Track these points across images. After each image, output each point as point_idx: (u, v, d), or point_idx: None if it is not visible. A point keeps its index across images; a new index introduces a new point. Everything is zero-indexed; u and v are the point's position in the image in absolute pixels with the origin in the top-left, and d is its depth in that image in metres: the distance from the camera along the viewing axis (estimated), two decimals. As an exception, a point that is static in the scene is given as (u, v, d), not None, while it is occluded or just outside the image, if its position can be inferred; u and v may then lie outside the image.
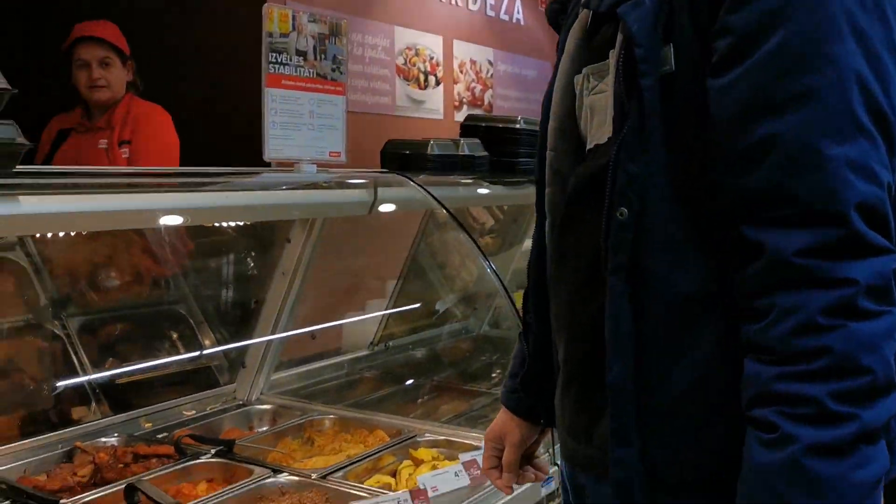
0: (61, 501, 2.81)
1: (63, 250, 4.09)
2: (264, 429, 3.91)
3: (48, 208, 2.71)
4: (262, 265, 4.20)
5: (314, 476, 3.14)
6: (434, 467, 3.28)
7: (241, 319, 4.26)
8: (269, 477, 3.14)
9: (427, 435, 3.64)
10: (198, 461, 3.31)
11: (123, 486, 2.87)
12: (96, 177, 3.38)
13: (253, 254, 4.28)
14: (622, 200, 1.34)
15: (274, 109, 3.35)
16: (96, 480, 3.21)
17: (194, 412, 4.01)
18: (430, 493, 2.92)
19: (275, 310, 4.12)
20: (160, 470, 3.22)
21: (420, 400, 4.52)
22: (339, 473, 3.18)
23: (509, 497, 3.08)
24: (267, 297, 4.12)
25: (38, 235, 3.98)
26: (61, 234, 4.12)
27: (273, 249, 4.11)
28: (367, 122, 7.48)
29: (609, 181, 1.37)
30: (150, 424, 3.81)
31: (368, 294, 5.15)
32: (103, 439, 3.55)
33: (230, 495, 3.00)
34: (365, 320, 5.13)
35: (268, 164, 3.55)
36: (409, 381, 4.75)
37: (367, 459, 3.37)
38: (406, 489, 3.08)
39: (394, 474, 3.34)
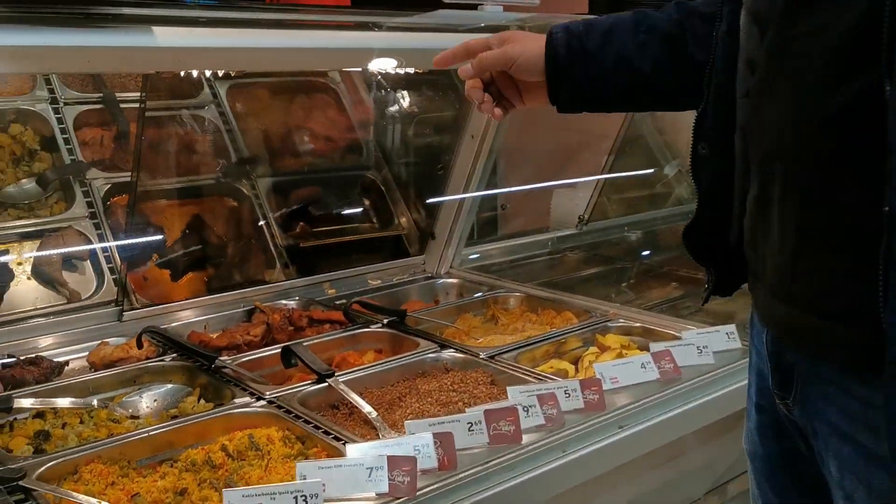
0: (220, 358, 2.73)
1: (257, 110, 4.01)
2: (447, 302, 3.66)
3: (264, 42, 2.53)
4: (450, 127, 3.85)
5: (482, 355, 2.82)
6: (620, 356, 2.83)
7: (432, 187, 3.98)
8: (434, 351, 2.88)
9: (620, 321, 3.17)
10: (367, 330, 3.12)
11: (273, 355, 2.74)
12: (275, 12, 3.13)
13: (443, 113, 3.93)
14: None
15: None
16: (267, 341, 3.13)
17: (379, 281, 3.84)
18: (608, 385, 2.49)
19: (463, 177, 3.78)
20: (328, 335, 3.07)
21: (624, 284, 4.03)
22: (511, 354, 2.84)
23: (708, 397, 2.59)
24: (455, 162, 3.78)
25: (232, 93, 3.93)
26: (258, 91, 4.05)
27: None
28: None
29: None
30: (333, 291, 3.70)
31: (577, 165, 4.65)
32: (283, 301, 3.48)
33: (389, 366, 2.77)
34: (573, 195, 4.66)
35: (444, 5, 3.12)
36: (615, 264, 4.26)
37: (547, 342, 2.99)
38: (582, 378, 2.68)
39: (576, 362, 2.95)
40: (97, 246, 3.23)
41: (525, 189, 4.64)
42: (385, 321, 3.18)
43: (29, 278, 3.12)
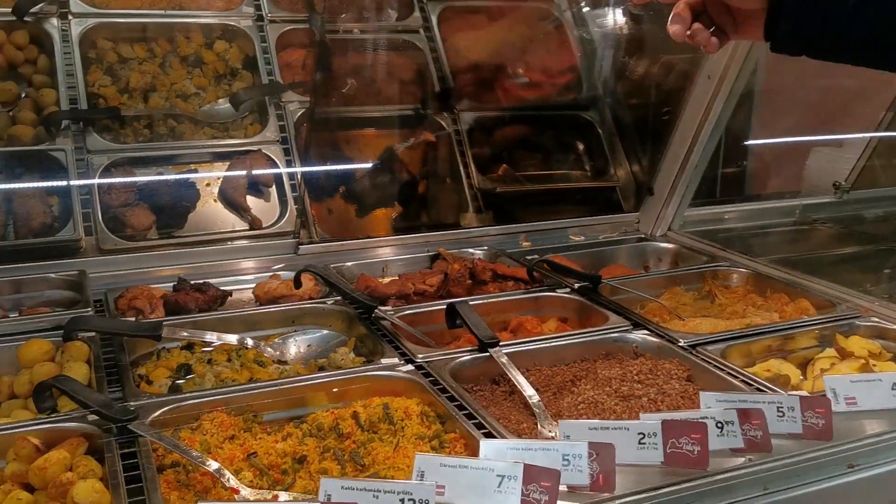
0: (381, 308, 2.47)
1: (470, 37, 3.66)
2: (656, 270, 3.14)
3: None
4: (682, 66, 3.26)
5: (682, 342, 2.32)
6: (864, 368, 2.20)
7: (656, 134, 3.43)
8: (624, 330, 2.42)
9: (873, 320, 2.50)
10: (552, 294, 2.72)
11: (439, 311, 2.41)
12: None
13: (675, 54, 3.33)
14: None
15: None
16: (442, 293, 2.83)
17: (582, 238, 3.40)
18: (840, 406, 1.91)
19: (693, 124, 3.20)
20: (507, 295, 2.71)
21: (886, 271, 3.25)
22: (719, 347, 2.31)
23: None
24: (685, 106, 3.20)
25: (445, 16, 3.61)
26: (473, 16, 3.70)
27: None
28: None
29: None
30: (528, 244, 3.31)
31: (845, 119, 3.84)
32: (471, 250, 3.16)
33: (567, 341, 2.35)
34: (835, 155, 3.87)
35: None
36: (879, 245, 3.47)
37: (770, 335, 2.42)
38: (806, 392, 2.11)
39: (804, 366, 2.35)
40: (283, 171, 3.09)
41: (773, 143, 3.92)
42: (576, 286, 2.76)
43: (215, 201, 3.05)
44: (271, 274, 2.80)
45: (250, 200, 3.07)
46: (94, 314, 2.32)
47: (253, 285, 2.75)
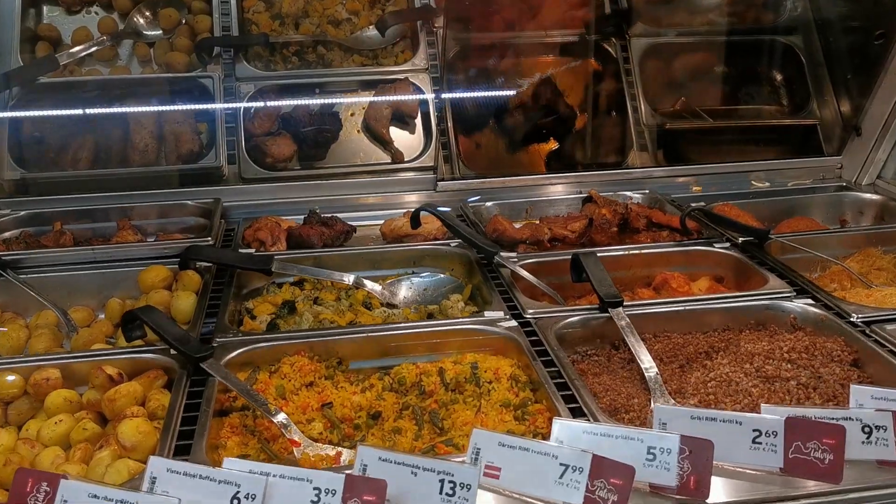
0: (502, 254, 2.24)
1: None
2: (854, 226, 2.63)
3: None
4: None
5: (856, 317, 1.90)
6: None
7: (866, 64, 2.86)
8: (784, 296, 2.02)
9: None
10: (707, 248, 2.35)
11: (569, 261, 2.14)
12: None
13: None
14: None
15: None
16: (584, 241, 2.55)
17: (768, 184, 2.94)
18: None
19: (916, 50, 2.62)
20: (653, 247, 2.38)
21: None
22: (901, 326, 1.86)
23: None
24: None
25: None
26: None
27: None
28: None
29: None
30: (699, 188, 2.92)
31: None
32: (629, 194, 2.82)
33: (706, 305, 2.01)
34: None
35: None
36: None
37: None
38: None
39: None
40: (430, 101, 2.91)
41: None
42: (739, 240, 2.36)
43: (358, 132, 2.95)
44: (405, 211, 2.66)
45: (395, 132, 2.93)
46: (210, 245, 2.31)
47: (380, 222, 2.63)
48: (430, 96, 2.92)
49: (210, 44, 2.88)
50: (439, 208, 2.57)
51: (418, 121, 2.95)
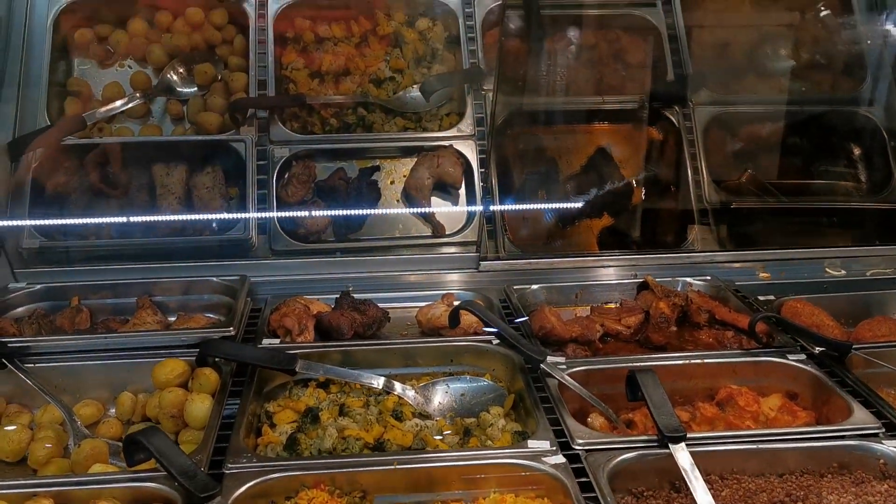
0: (551, 357, 2.03)
1: (721, 10, 3.02)
2: None
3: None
4: None
5: (958, 470, 1.65)
6: None
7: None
8: (872, 435, 1.77)
9: None
10: (781, 360, 2.09)
11: (623, 369, 1.91)
12: None
13: None
14: None
15: None
16: (639, 338, 2.33)
17: (843, 273, 2.67)
18: None
19: None
20: (718, 357, 2.13)
21: None
22: None
23: None
24: None
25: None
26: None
27: None
28: None
29: None
30: (767, 275, 2.67)
31: None
32: (690, 280, 2.58)
33: (779, 445, 1.76)
34: None
35: None
36: None
37: None
38: None
39: None
40: (476, 170, 2.71)
41: None
42: (815, 350, 2.12)
43: (398, 201, 2.76)
44: (444, 294, 2.45)
45: (436, 203, 2.74)
46: (231, 337, 2.13)
47: (425, 302, 2.43)
48: (475, 165, 2.72)
49: (244, 105, 2.72)
50: (479, 297, 2.37)
51: (462, 191, 2.75)
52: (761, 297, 2.45)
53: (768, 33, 2.97)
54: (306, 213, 2.63)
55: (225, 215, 2.60)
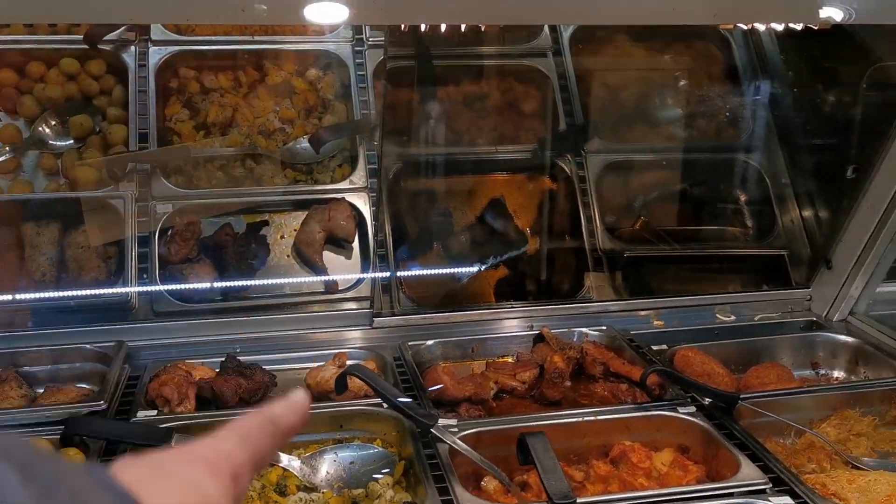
0: (442, 419, 1.97)
1: (609, 61, 3.06)
2: (821, 387, 2.38)
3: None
4: (880, 109, 2.48)
5: (843, 525, 1.65)
6: None
7: (837, 190, 2.67)
8: (759, 493, 1.77)
9: None
10: (672, 413, 2.09)
11: (516, 430, 1.86)
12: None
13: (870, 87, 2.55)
14: None
15: None
16: (534, 393, 2.29)
17: (733, 318, 2.71)
18: None
19: (892, 185, 2.43)
20: (610, 413, 2.11)
21: None
22: (897, 538, 1.62)
23: None
24: (881, 159, 2.44)
25: (580, 38, 3.01)
26: (615, 37, 3.08)
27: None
28: None
29: None
30: (660, 323, 2.68)
31: None
32: (586, 330, 2.57)
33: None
34: None
35: None
36: None
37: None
38: None
39: None
40: (369, 224, 2.65)
41: None
42: (706, 401, 2.12)
43: (288, 257, 2.67)
44: (336, 353, 2.37)
45: (329, 258, 2.66)
46: (101, 412, 1.99)
47: (317, 363, 2.34)
48: (369, 218, 2.66)
49: (123, 160, 2.59)
50: (372, 356, 2.31)
51: (356, 245, 2.68)
52: (655, 347, 2.46)
53: (656, 83, 3.03)
54: (191, 272, 2.51)
55: (102, 277, 2.47)
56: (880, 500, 1.78)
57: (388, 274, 2.59)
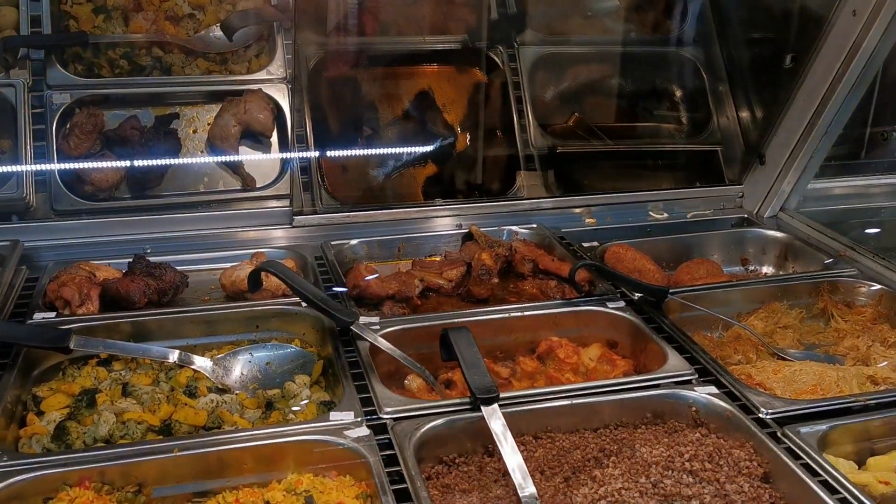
0: (364, 317, 1.88)
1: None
2: (749, 281, 2.35)
3: None
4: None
5: (765, 413, 1.63)
6: None
7: (774, 85, 2.60)
8: (683, 382, 1.73)
9: None
10: (600, 308, 2.03)
11: (440, 327, 1.78)
12: None
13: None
14: None
15: None
16: (461, 291, 2.22)
17: (666, 215, 2.66)
18: None
19: (827, 77, 2.37)
20: (537, 308, 2.04)
21: None
22: (821, 427, 1.60)
23: None
24: (816, 54, 2.37)
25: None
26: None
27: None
28: None
29: None
30: (592, 220, 2.62)
31: None
32: (516, 228, 2.49)
33: (594, 399, 1.69)
34: None
35: None
36: None
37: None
38: None
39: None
40: (288, 117, 2.49)
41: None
42: (635, 296, 2.07)
43: (202, 152, 2.50)
44: (253, 253, 2.25)
45: (244, 153, 2.50)
46: (-9, 314, 1.85)
47: (233, 263, 2.22)
48: (288, 111, 2.50)
49: (14, 43, 2.36)
50: (292, 255, 2.19)
51: (274, 139, 2.53)
52: (586, 244, 2.40)
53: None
54: (94, 166, 2.33)
55: (-5, 172, 2.27)
56: (805, 390, 1.77)
57: (308, 170, 2.45)
